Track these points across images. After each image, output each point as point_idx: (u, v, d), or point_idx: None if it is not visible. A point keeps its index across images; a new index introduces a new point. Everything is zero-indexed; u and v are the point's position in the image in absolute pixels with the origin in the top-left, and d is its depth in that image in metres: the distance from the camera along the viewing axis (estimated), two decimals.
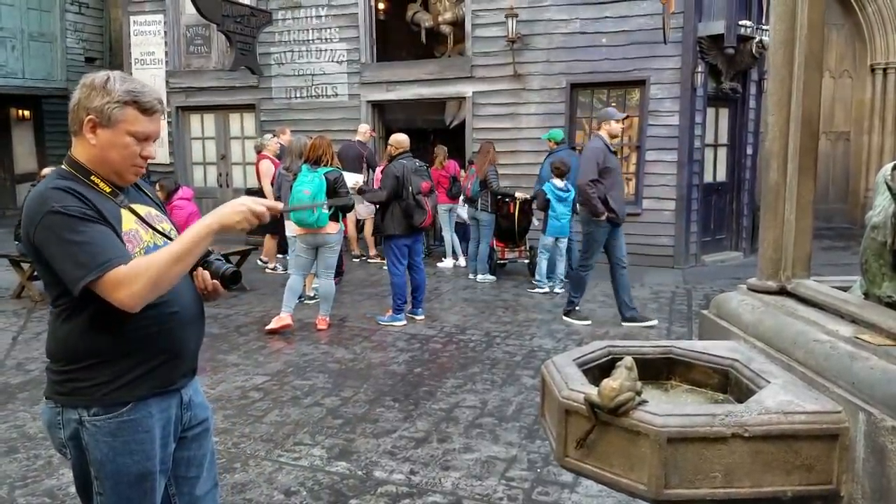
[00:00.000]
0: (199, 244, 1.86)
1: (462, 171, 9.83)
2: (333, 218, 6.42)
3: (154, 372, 1.96)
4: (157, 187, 7.67)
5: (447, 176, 9.39)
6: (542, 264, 8.36)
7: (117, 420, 1.91)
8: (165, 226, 2.08)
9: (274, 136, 9.63)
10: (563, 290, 8.19)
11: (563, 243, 8.38)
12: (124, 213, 1.95)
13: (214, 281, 2.10)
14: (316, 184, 6.20)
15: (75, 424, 1.91)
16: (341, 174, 6.49)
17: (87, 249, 1.77)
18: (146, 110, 1.91)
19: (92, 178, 1.91)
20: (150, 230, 2.00)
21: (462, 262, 9.83)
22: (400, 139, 6.96)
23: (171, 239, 2.05)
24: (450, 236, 9.86)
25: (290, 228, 7.23)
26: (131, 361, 1.91)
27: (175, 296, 1.97)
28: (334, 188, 6.30)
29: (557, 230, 8.19)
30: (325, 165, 6.33)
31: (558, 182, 8.09)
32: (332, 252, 6.58)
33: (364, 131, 10.04)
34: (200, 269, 2.11)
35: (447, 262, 9.87)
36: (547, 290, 8.29)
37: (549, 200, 8.09)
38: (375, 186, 8.21)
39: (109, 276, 1.76)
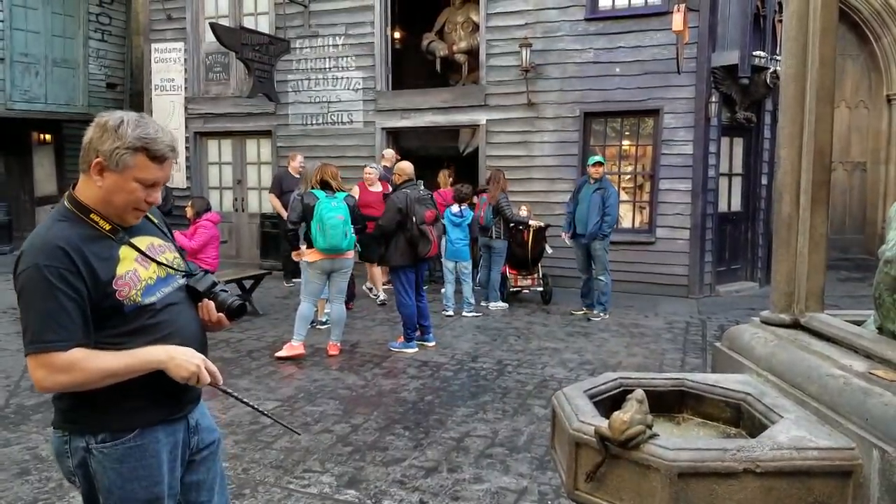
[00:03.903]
0: (140, 371, 1.88)
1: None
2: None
3: (160, 401, 1.98)
4: (189, 204, 8.06)
5: (443, 203, 9.39)
6: (448, 288, 8.64)
7: (124, 446, 1.92)
8: (169, 255, 2.08)
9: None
10: (472, 313, 8.44)
11: (466, 267, 8.59)
12: (123, 250, 1.94)
13: (220, 314, 2.12)
14: (343, 209, 6.27)
15: (83, 452, 1.92)
16: (356, 199, 6.54)
17: (40, 320, 1.81)
18: (156, 158, 1.90)
19: (91, 216, 1.92)
20: (152, 263, 2.00)
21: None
22: (403, 167, 6.94)
23: (173, 269, 2.05)
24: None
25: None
26: (137, 390, 1.91)
27: (180, 327, 2.00)
28: (355, 213, 6.41)
29: (453, 254, 8.49)
30: (338, 190, 6.40)
31: (454, 207, 8.42)
32: (345, 277, 6.60)
33: (389, 157, 10.04)
34: (206, 300, 2.11)
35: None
36: (452, 312, 8.45)
37: (443, 226, 8.32)
38: None
39: (48, 356, 1.80)
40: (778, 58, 9.49)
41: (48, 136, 15.48)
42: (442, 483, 3.93)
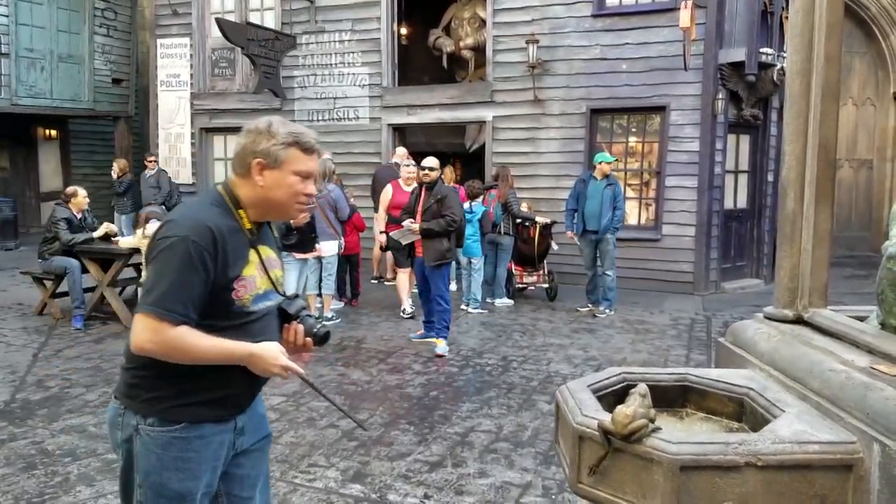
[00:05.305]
0: (229, 360, 1.94)
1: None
2: None
3: (216, 403, 2.00)
4: None
5: None
6: (465, 282, 8.74)
7: (170, 435, 1.95)
8: (277, 272, 2.15)
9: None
10: (477, 309, 8.45)
11: (477, 263, 8.57)
12: (252, 253, 2.02)
13: (307, 339, 2.17)
14: None
15: (131, 430, 1.96)
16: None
17: (169, 287, 1.85)
18: (307, 150, 2.02)
19: (240, 211, 2.01)
20: (265, 277, 2.06)
21: (454, 286, 9.83)
22: (438, 162, 6.93)
23: (276, 289, 2.11)
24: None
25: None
26: (199, 386, 1.95)
27: (267, 340, 2.03)
28: None
29: (467, 250, 8.38)
30: None
31: (465, 204, 8.35)
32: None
33: (402, 154, 9.92)
34: (295, 322, 2.16)
35: (453, 286, 9.88)
36: (464, 305, 8.57)
37: None
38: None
39: (160, 323, 1.83)
40: (785, 55, 9.47)
41: (53, 132, 15.53)
42: (447, 477, 3.95)
